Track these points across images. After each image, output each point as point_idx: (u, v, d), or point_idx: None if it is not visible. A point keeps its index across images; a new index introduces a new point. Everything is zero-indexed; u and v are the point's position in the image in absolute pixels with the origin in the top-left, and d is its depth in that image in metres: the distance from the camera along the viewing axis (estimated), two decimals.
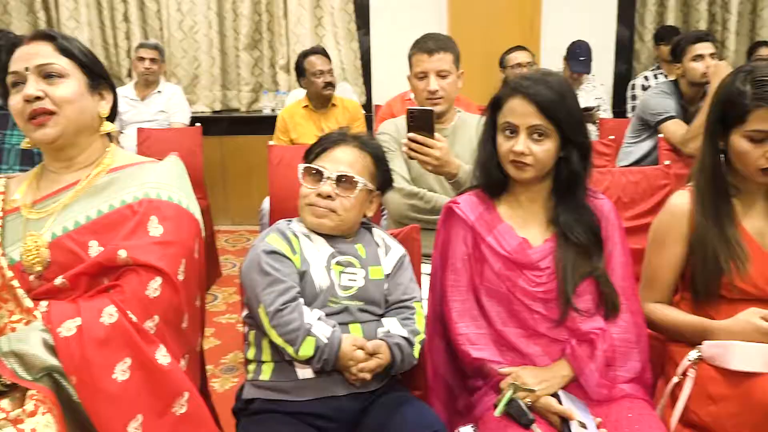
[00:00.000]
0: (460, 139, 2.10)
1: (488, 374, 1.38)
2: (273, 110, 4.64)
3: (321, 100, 3.62)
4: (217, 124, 4.56)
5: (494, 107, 1.44)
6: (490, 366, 1.38)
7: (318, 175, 1.42)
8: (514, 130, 1.38)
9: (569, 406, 1.29)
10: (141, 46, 4.13)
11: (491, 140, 1.45)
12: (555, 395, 1.32)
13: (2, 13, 4.45)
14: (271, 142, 3.11)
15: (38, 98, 1.18)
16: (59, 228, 1.19)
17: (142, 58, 4.05)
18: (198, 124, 3.79)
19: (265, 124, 4.53)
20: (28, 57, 1.22)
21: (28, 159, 2.78)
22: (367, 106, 4.53)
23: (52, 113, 1.19)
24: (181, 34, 4.59)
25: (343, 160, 1.43)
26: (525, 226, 1.45)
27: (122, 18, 4.54)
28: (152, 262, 1.14)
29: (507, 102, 1.40)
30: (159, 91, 4.10)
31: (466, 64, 2.15)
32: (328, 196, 1.40)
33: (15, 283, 1.14)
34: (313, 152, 1.47)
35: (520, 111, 1.37)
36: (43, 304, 1.14)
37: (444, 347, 1.52)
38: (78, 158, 1.27)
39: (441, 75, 2.05)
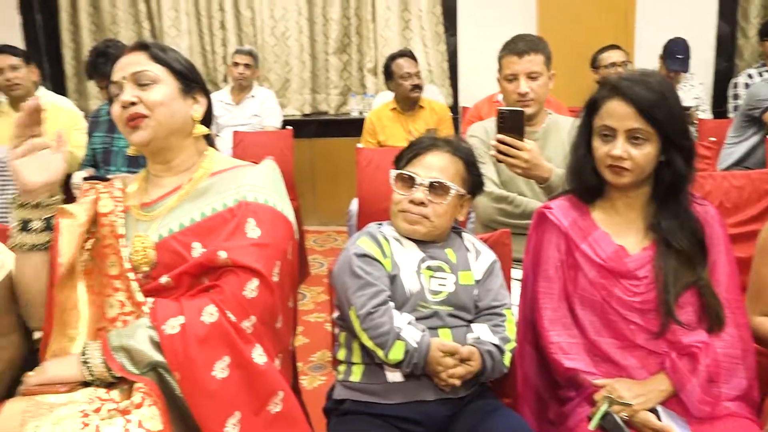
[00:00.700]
0: (552, 142, 2.04)
1: (581, 385, 1.33)
2: (360, 113, 4.70)
3: (408, 102, 3.62)
4: (306, 127, 4.66)
5: (590, 110, 1.39)
6: (583, 377, 1.33)
7: (410, 182, 1.42)
8: (611, 134, 1.33)
9: (668, 422, 1.23)
10: (236, 52, 4.27)
11: (586, 144, 1.40)
12: (653, 410, 1.26)
13: (111, 23, 4.72)
14: (359, 145, 3.14)
15: (133, 103, 1.24)
16: (165, 230, 1.24)
17: (237, 64, 4.19)
18: (289, 128, 3.88)
19: (353, 127, 4.58)
20: (124, 66, 1.28)
21: (134, 161, 2.93)
22: (454, 107, 4.49)
23: (145, 116, 1.24)
24: (273, 40, 4.71)
25: (435, 165, 1.42)
26: (621, 233, 1.39)
27: (219, 26, 4.71)
28: (250, 264, 1.17)
29: (604, 104, 1.34)
30: (253, 96, 4.22)
31: (556, 64, 2.09)
32: (421, 203, 1.40)
33: (131, 275, 1.20)
34: (404, 158, 1.47)
35: (618, 114, 1.31)
36: (149, 300, 1.19)
37: (534, 355, 1.48)
38: (175, 161, 1.32)
39: (531, 77, 2.00)
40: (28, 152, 1.21)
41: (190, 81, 1.32)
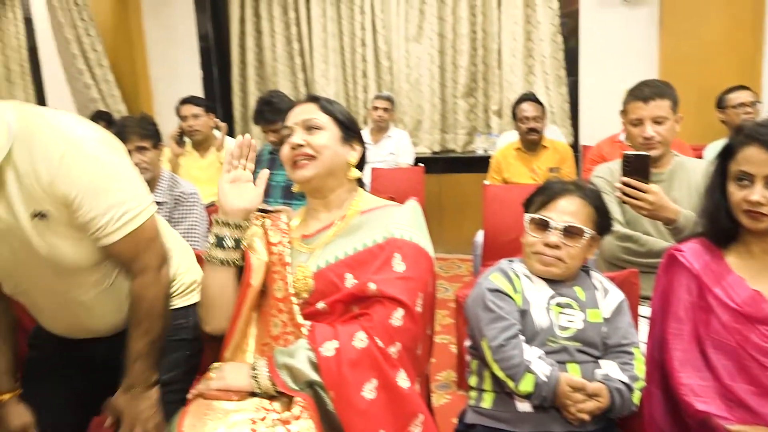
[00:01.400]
0: (678, 183, 1.91)
1: (714, 430, 1.22)
2: (485, 151, 4.66)
3: (529, 143, 3.56)
4: (436, 164, 4.70)
5: (725, 155, 1.30)
6: (716, 421, 1.21)
7: (544, 225, 1.38)
8: (749, 179, 1.22)
9: None
10: (376, 97, 4.41)
11: (720, 188, 1.30)
12: None
13: (272, 74, 5.04)
14: (486, 182, 3.12)
15: (300, 145, 1.31)
16: (322, 261, 1.29)
17: (376, 108, 4.32)
18: (421, 165, 3.92)
19: (478, 164, 4.56)
20: (297, 114, 1.37)
21: (289, 194, 3.10)
22: (575, 146, 4.34)
23: (311, 157, 1.31)
24: (408, 86, 4.82)
25: (568, 210, 1.38)
26: (758, 278, 1.27)
27: (361, 75, 4.89)
28: (396, 295, 1.19)
29: (741, 150, 1.24)
30: (389, 136, 4.33)
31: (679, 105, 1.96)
32: (556, 246, 1.36)
33: (294, 299, 1.27)
34: (535, 202, 1.43)
35: (756, 159, 1.21)
36: (307, 324, 1.24)
37: (661, 396, 1.37)
38: (330, 197, 1.38)
39: (657, 121, 1.89)
40: (235, 180, 1.34)
41: (350, 131, 1.39)
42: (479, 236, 3.24)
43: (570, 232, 1.36)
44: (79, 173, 1.15)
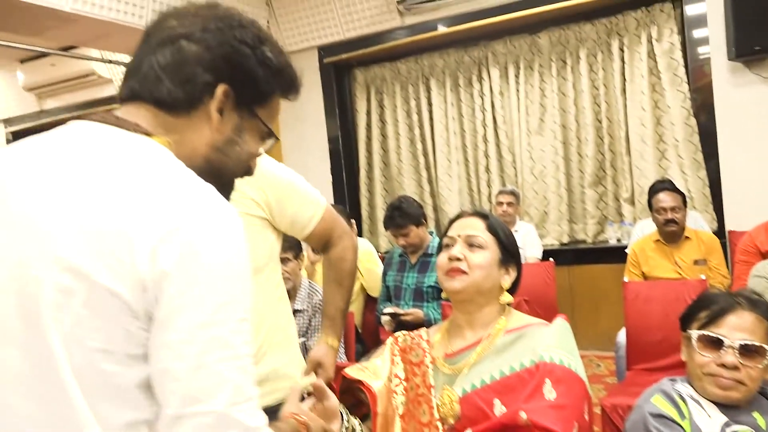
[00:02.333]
0: None
1: None
2: (618, 240, 4.44)
3: (668, 234, 3.33)
4: (565, 255, 4.53)
5: None
6: None
7: (717, 344, 1.25)
8: None
9: None
10: (499, 192, 4.41)
11: None
12: None
13: (398, 175, 5.23)
14: (625, 279, 2.95)
15: (458, 259, 1.31)
16: (468, 385, 1.25)
17: (500, 203, 4.31)
18: (551, 259, 3.80)
19: (612, 254, 4.34)
20: (463, 227, 1.38)
21: (419, 296, 3.11)
22: (720, 233, 4.01)
23: (464, 273, 1.30)
24: (532, 178, 4.77)
25: (742, 326, 1.25)
26: None
27: (484, 170, 4.93)
28: (549, 426, 1.12)
29: None
30: (516, 230, 4.26)
31: None
32: (734, 367, 1.23)
33: (439, 425, 1.23)
34: (698, 317, 1.31)
35: None
36: None
37: None
38: (476, 314, 1.35)
39: None
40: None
41: (509, 254, 1.37)
42: (621, 336, 3.02)
43: (748, 351, 1.22)
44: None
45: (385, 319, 3.09)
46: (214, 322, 0.66)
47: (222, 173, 0.85)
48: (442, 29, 4.72)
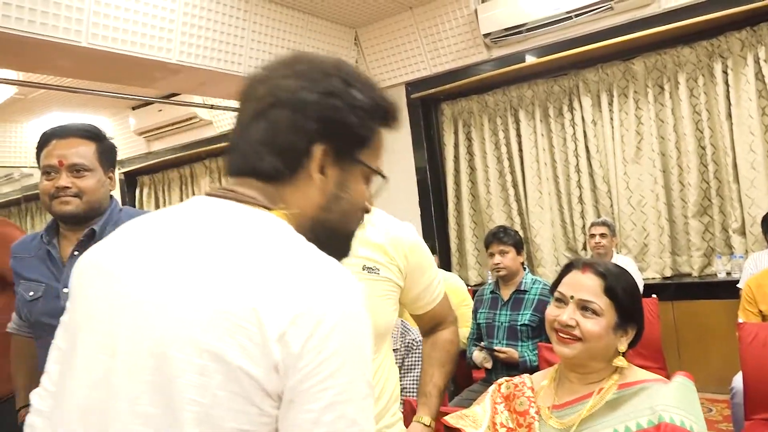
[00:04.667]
0: None
1: None
2: (728, 274, 4.14)
3: None
4: (667, 290, 4.28)
5: None
6: None
7: None
8: None
9: None
10: (593, 224, 4.25)
11: None
12: None
13: (487, 207, 5.16)
14: (740, 319, 2.73)
15: (570, 326, 1.26)
16: None
17: (593, 235, 4.15)
18: (654, 296, 3.59)
19: (721, 289, 4.05)
20: (576, 286, 1.31)
21: (513, 335, 3.03)
22: None
23: (578, 339, 1.25)
24: (629, 209, 4.57)
25: None
26: None
27: (577, 201, 4.78)
28: None
29: None
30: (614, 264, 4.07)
31: None
32: None
33: None
34: None
35: None
36: None
37: None
38: (589, 376, 1.29)
39: None
40: None
41: (627, 316, 1.30)
42: (737, 380, 2.80)
43: None
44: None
45: (478, 355, 3.02)
46: (341, 401, 0.67)
47: (334, 231, 0.84)
48: (530, 60, 4.67)
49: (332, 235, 0.84)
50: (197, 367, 0.67)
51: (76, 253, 1.60)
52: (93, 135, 1.69)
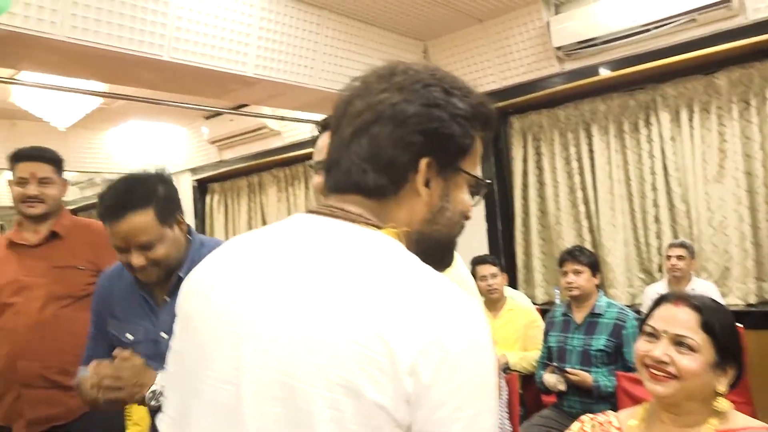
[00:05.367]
0: None
1: None
2: None
3: None
4: (752, 318, 4.02)
5: None
6: None
7: None
8: None
9: None
10: (671, 245, 4.08)
11: None
12: None
13: (556, 223, 5.01)
14: None
15: (664, 362, 1.18)
16: None
17: (669, 257, 3.98)
18: (739, 325, 3.37)
19: None
20: (671, 321, 1.25)
21: (587, 361, 2.91)
22: None
23: (674, 377, 1.17)
24: (710, 230, 4.33)
25: None
26: None
27: (653, 220, 4.57)
28: None
29: None
30: (693, 288, 3.88)
31: None
32: None
33: None
34: None
35: None
36: None
37: None
38: (685, 417, 1.21)
39: None
40: None
41: (727, 356, 1.22)
42: None
43: None
44: None
45: (550, 378, 2.91)
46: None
47: (439, 243, 0.83)
48: (604, 73, 4.52)
49: (437, 247, 0.83)
50: (328, 400, 0.65)
51: (168, 299, 1.60)
52: (145, 200, 1.52)
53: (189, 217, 7.25)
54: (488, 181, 0.90)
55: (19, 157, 2.35)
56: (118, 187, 1.55)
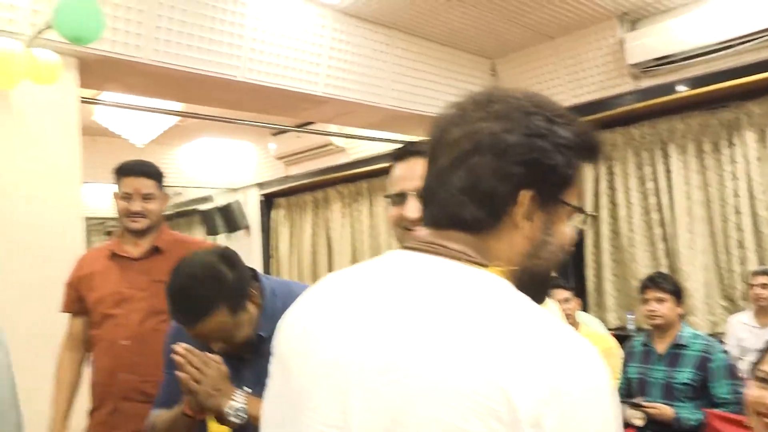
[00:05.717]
0: None
1: None
2: None
3: None
4: None
5: None
6: None
7: None
8: None
9: None
10: (755, 273, 3.85)
11: None
12: None
13: (629, 245, 4.81)
14: None
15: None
16: None
17: (752, 285, 3.76)
18: None
19: None
20: None
21: (670, 394, 2.75)
22: None
23: None
24: None
25: None
26: None
27: (737, 245, 4.32)
28: None
29: None
30: None
31: None
32: None
33: None
34: None
35: None
36: None
37: None
38: None
39: None
40: None
41: None
42: None
43: None
44: None
45: (630, 414, 2.78)
46: None
47: (539, 277, 0.80)
48: (682, 91, 4.33)
49: (537, 282, 0.79)
50: None
51: (250, 356, 1.55)
52: (211, 301, 1.42)
53: (255, 231, 7.41)
54: (594, 214, 0.85)
55: (124, 171, 2.39)
56: (183, 290, 1.45)
